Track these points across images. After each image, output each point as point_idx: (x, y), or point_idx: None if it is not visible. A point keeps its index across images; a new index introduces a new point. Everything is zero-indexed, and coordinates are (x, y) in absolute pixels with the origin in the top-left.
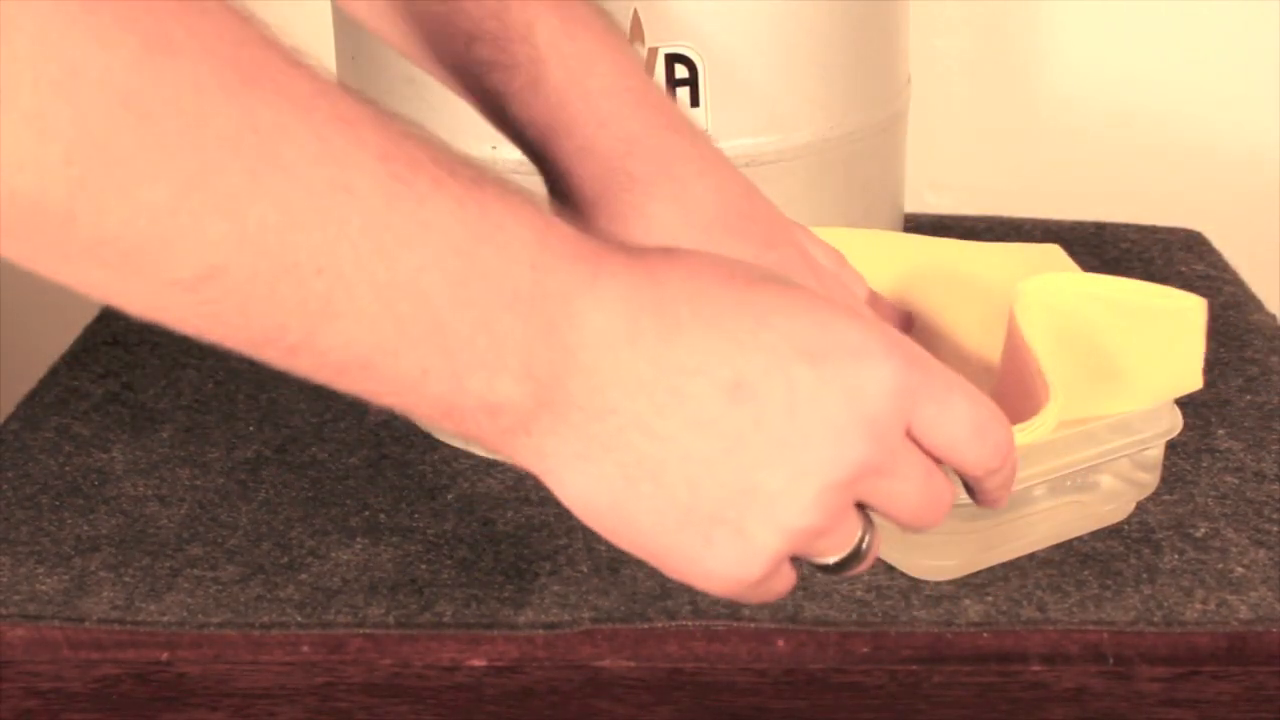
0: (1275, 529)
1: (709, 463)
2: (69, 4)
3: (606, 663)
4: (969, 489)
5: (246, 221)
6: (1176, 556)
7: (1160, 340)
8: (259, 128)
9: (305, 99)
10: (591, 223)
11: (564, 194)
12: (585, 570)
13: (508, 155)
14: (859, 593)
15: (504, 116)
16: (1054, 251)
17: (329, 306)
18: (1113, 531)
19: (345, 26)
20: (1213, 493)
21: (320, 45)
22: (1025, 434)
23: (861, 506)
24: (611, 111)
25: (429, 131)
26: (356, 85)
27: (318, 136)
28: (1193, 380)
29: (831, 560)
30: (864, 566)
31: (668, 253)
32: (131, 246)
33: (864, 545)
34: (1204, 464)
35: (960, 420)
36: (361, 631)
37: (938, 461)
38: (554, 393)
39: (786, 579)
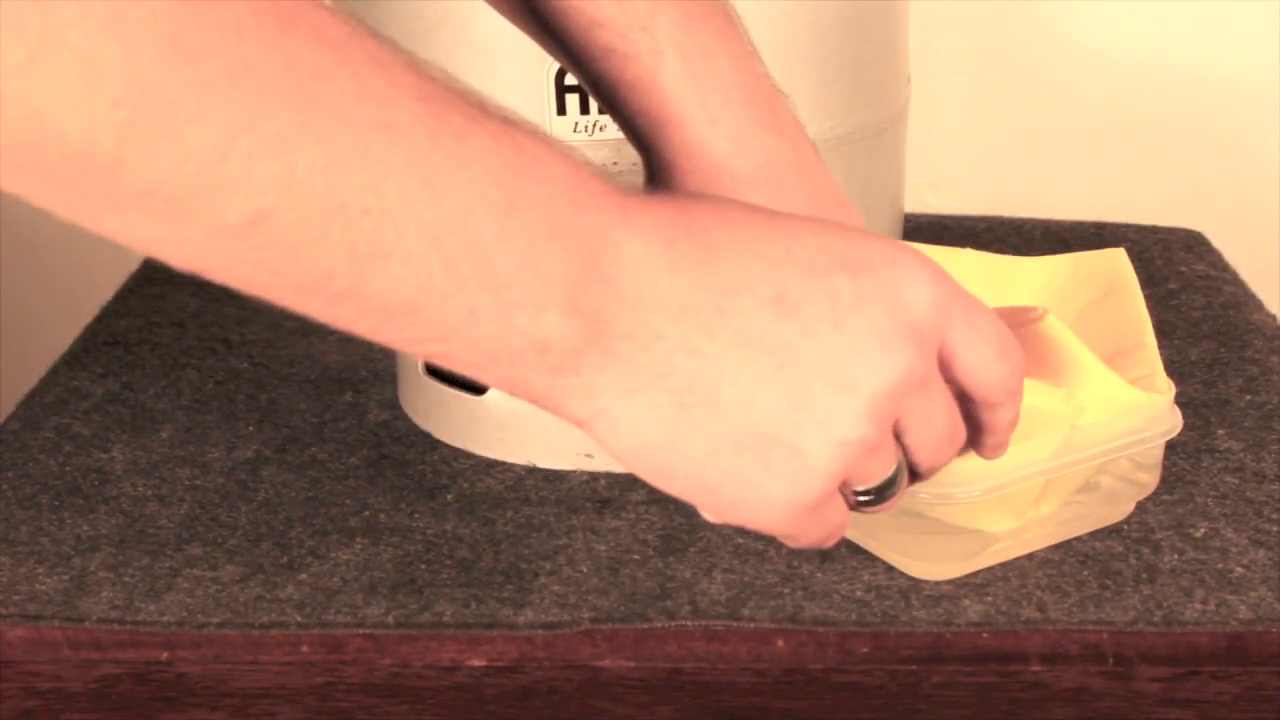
0: (1275, 529)
1: (760, 379)
2: None
3: (606, 663)
4: (972, 441)
5: (295, 163)
6: (1176, 556)
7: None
8: (300, 70)
9: (341, 41)
10: None
11: (666, 185)
12: (585, 570)
13: None
14: (859, 593)
15: (615, 103)
16: (1117, 256)
17: (377, 247)
18: (1113, 531)
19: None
20: (1213, 493)
21: None
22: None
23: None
24: (722, 108)
25: (453, 76)
26: None
27: (356, 77)
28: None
29: (875, 484)
30: (898, 498)
31: (690, 194)
32: (179, 192)
33: (900, 472)
34: (1204, 464)
35: (989, 337)
36: (361, 631)
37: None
38: (601, 325)
39: (840, 512)
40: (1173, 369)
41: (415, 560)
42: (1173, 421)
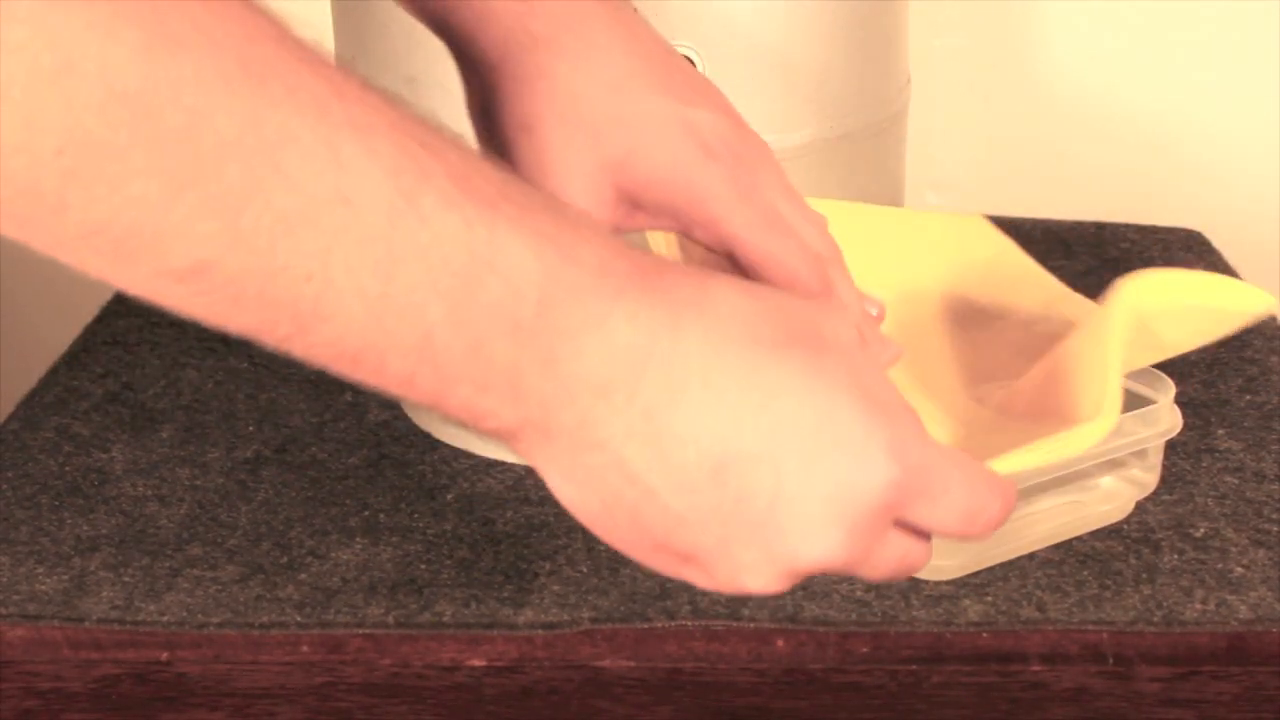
0: (1275, 529)
1: (685, 522)
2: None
3: (606, 663)
4: None
5: (239, 222)
6: (1176, 556)
7: (1211, 330)
8: (262, 130)
9: (317, 101)
10: (498, 92)
11: (470, 65)
12: (585, 570)
13: None
14: (859, 593)
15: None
16: (979, 223)
17: (318, 309)
18: (1113, 531)
19: (346, 27)
20: (1213, 493)
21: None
22: (1055, 448)
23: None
24: None
25: (458, 139)
26: None
27: (325, 142)
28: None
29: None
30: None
31: (700, 291)
32: (122, 236)
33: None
34: (1204, 464)
35: (951, 512)
36: (361, 631)
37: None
38: (544, 416)
39: (893, 552)
40: (1173, 369)
41: (415, 560)
42: (1173, 421)
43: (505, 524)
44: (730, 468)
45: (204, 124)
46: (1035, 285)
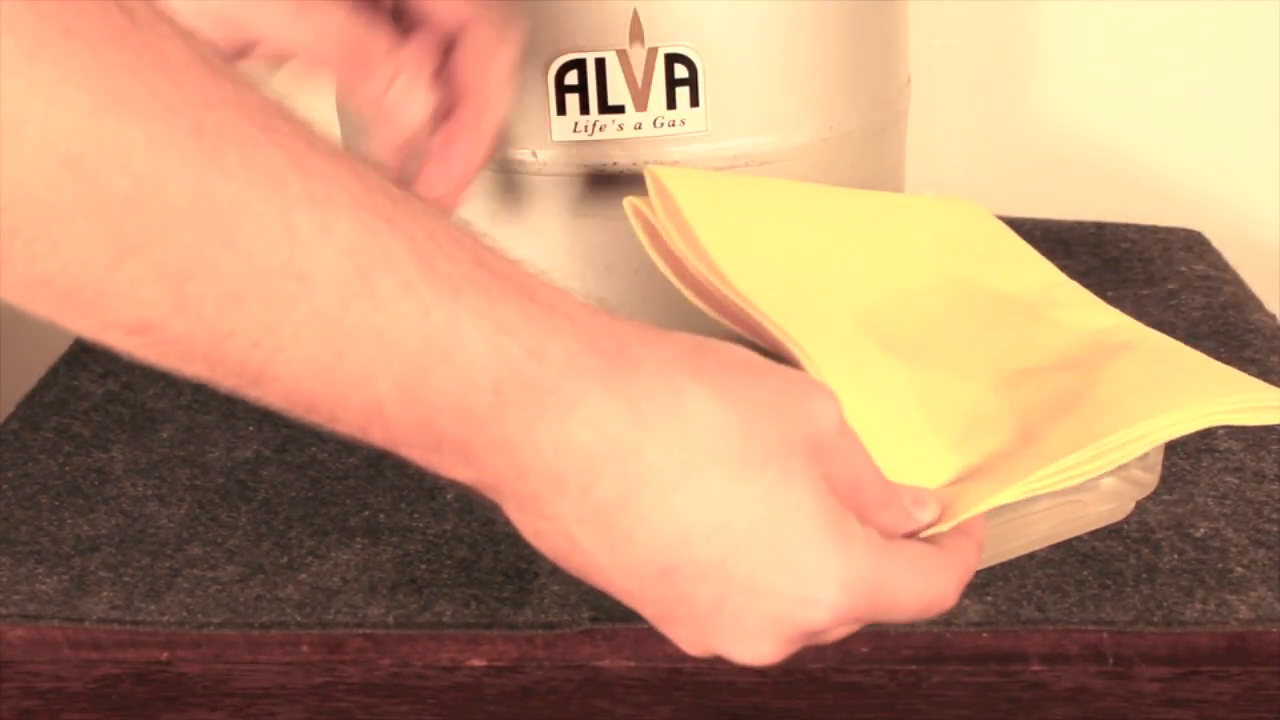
0: (1275, 529)
1: (630, 596)
2: (16, 59)
3: (606, 663)
4: None
5: (185, 289)
6: (1176, 556)
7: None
8: (214, 201)
9: (273, 174)
10: None
11: None
12: None
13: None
14: None
15: None
16: (971, 207)
17: (266, 371)
18: (1113, 531)
19: None
20: (1213, 493)
21: None
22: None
23: None
24: None
25: (434, 212)
26: None
27: (280, 217)
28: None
29: None
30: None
31: (672, 398)
32: (66, 291)
33: None
34: (1204, 464)
35: (900, 617)
36: (361, 631)
37: None
38: (495, 485)
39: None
40: None
41: (415, 560)
42: None
43: (505, 524)
44: (678, 572)
45: (152, 192)
46: (1032, 269)
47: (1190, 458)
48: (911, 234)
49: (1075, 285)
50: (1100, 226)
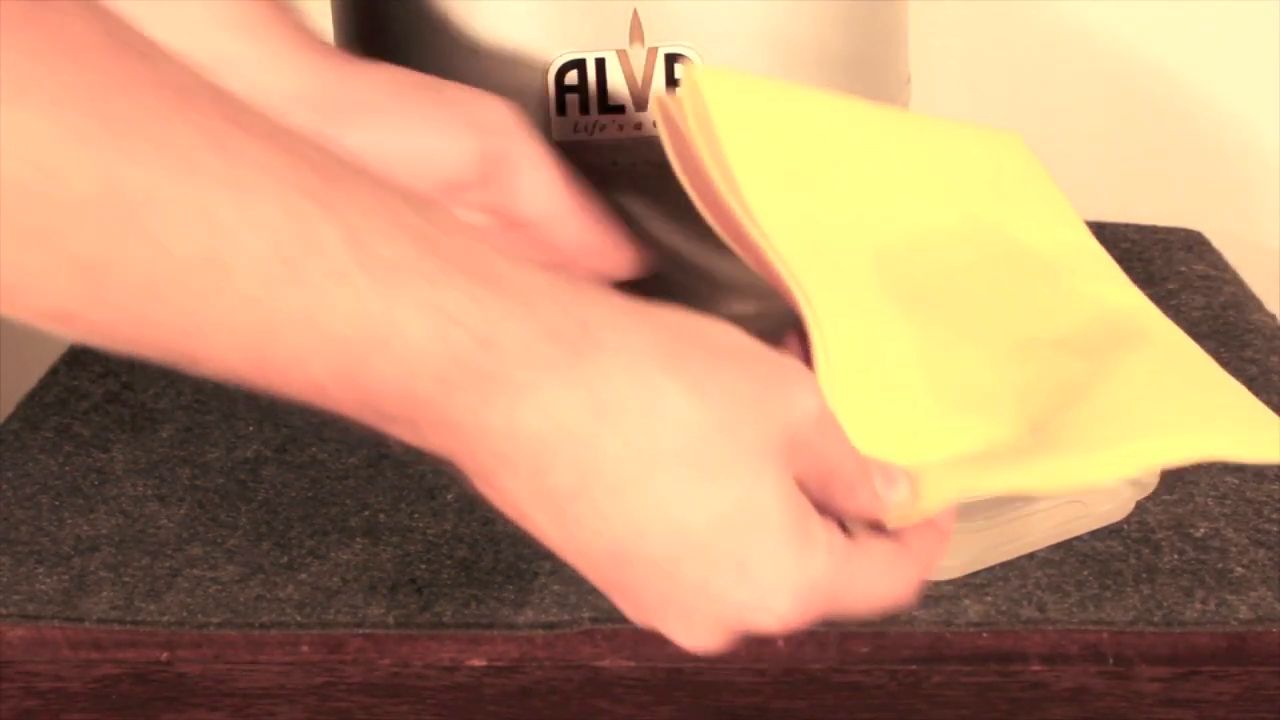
0: (1275, 529)
1: (579, 567)
2: None
3: (606, 663)
4: None
5: (99, 282)
6: (1176, 556)
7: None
8: (124, 190)
9: (188, 158)
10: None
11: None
12: None
13: None
14: None
15: None
16: (1013, 141)
17: (197, 356)
18: (1113, 531)
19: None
20: (1213, 493)
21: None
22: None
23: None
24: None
25: (377, 187)
26: None
27: (198, 203)
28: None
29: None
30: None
31: (641, 389)
32: None
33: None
34: (1204, 464)
35: (857, 616)
36: (361, 631)
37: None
38: (447, 455)
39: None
40: None
41: (415, 560)
42: None
43: (505, 524)
44: (628, 564)
45: (57, 183)
46: (1064, 224)
47: None
48: (950, 166)
49: (1102, 253)
50: (1100, 226)
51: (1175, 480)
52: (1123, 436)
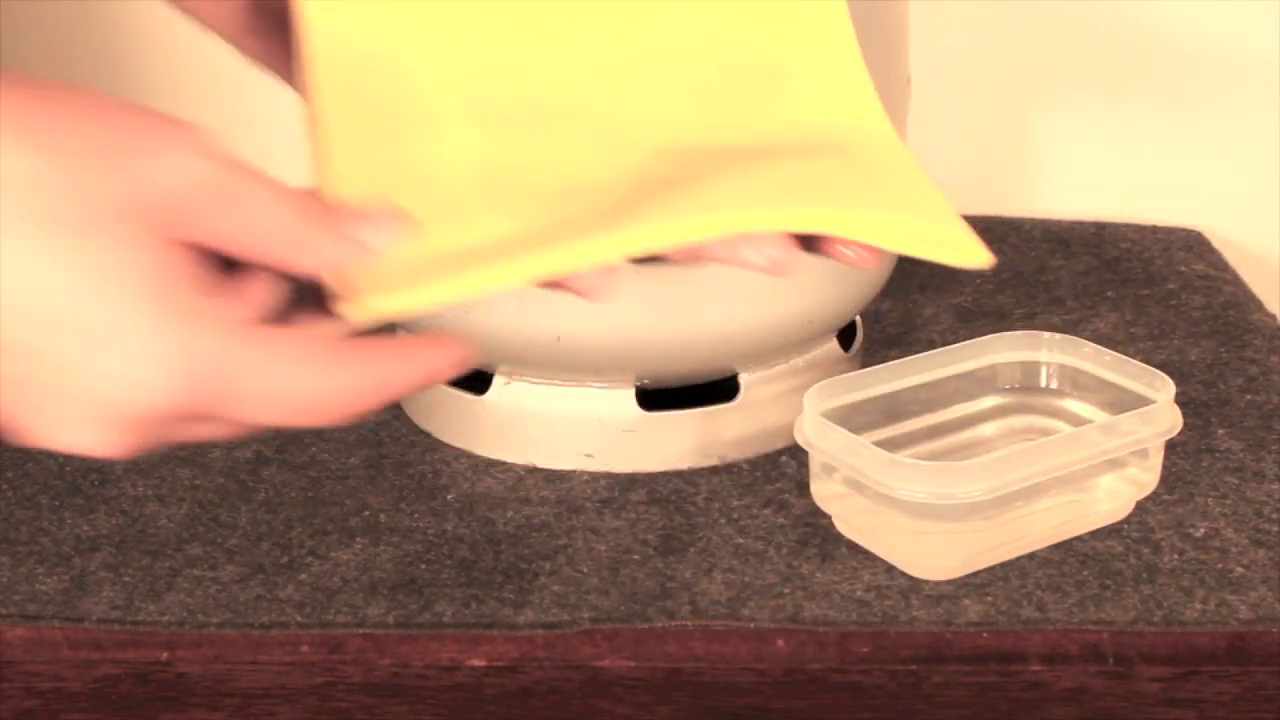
0: (1275, 529)
1: None
2: None
3: (606, 663)
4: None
5: None
6: (1176, 556)
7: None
8: None
9: None
10: None
11: None
12: (585, 570)
13: None
14: (859, 593)
15: None
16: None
17: None
18: (1113, 531)
19: None
20: (1213, 493)
21: None
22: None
23: None
24: None
25: None
26: None
27: None
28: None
29: None
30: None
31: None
32: None
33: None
34: (1204, 464)
35: (273, 418)
36: (361, 631)
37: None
38: None
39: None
40: (1173, 369)
41: (415, 560)
42: (1172, 421)
43: (505, 524)
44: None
45: None
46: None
47: (1190, 458)
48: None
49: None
50: (1100, 226)
51: (1175, 480)
52: (712, 205)
